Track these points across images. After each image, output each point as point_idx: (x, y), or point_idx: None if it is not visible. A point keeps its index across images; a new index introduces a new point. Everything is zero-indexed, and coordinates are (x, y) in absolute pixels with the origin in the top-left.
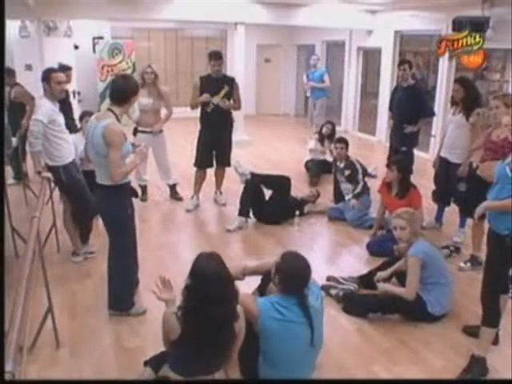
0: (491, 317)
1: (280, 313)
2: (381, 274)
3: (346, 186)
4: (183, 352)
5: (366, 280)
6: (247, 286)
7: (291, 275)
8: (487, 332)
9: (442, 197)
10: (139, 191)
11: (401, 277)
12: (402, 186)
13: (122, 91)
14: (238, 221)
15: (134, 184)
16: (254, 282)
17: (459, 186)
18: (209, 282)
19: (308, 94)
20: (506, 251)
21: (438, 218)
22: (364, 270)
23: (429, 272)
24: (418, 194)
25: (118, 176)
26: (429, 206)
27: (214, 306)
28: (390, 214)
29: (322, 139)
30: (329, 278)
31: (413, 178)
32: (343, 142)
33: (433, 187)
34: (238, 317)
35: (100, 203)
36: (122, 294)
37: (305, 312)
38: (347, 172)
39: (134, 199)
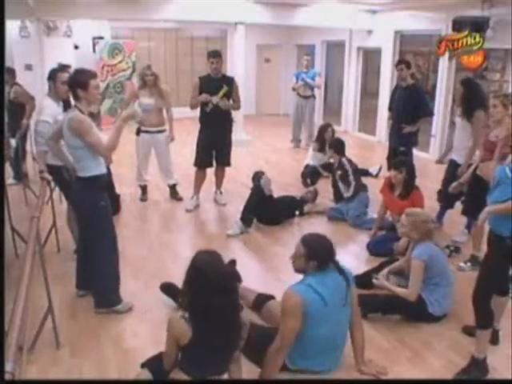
0: (484, 318)
1: (316, 292)
2: (378, 278)
3: (340, 185)
4: (196, 354)
5: (362, 280)
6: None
7: (323, 246)
8: (483, 334)
9: (446, 198)
10: (139, 191)
11: (399, 277)
12: (405, 186)
13: (69, 79)
14: (239, 226)
15: (134, 184)
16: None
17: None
18: (201, 272)
19: (299, 91)
20: (507, 252)
21: (439, 217)
22: (363, 270)
23: (432, 273)
24: (421, 195)
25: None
26: (431, 205)
27: (215, 296)
28: (391, 215)
29: (323, 143)
30: None
31: None
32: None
33: (433, 187)
34: (242, 307)
35: (74, 196)
36: (106, 290)
37: (341, 273)
38: (339, 172)
39: (131, 198)
